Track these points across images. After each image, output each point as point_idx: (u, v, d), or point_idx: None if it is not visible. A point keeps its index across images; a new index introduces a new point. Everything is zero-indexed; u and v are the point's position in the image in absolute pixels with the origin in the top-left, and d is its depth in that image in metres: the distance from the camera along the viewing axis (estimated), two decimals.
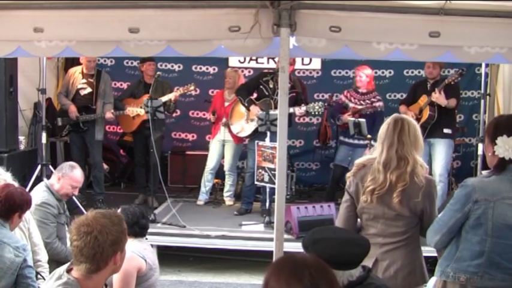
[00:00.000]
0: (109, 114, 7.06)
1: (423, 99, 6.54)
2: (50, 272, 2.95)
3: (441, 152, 6.48)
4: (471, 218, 2.85)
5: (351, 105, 7.03)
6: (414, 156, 3.11)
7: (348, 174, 3.32)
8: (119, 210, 3.91)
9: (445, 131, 6.44)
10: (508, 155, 2.84)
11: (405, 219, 3.13)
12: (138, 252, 3.74)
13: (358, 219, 3.32)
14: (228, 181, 7.55)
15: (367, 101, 7.01)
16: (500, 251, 2.81)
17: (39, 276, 3.77)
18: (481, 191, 2.84)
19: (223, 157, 7.58)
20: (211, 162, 7.48)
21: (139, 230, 3.89)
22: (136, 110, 6.96)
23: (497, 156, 2.88)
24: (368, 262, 2.98)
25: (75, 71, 7.17)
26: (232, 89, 7.39)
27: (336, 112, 7.18)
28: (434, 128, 6.37)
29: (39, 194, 4.54)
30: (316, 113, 6.74)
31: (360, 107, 6.97)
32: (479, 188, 2.85)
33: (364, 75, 7.01)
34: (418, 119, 6.21)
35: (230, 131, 7.29)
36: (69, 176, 4.60)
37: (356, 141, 6.98)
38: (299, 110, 6.65)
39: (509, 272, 2.81)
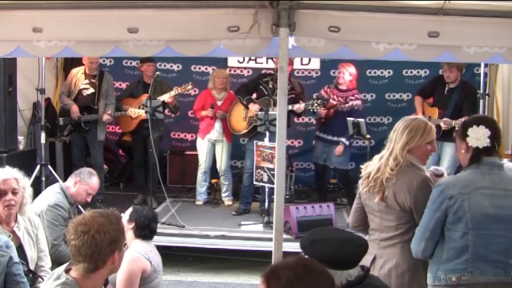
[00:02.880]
0: (106, 117, 7.05)
1: (434, 112, 6.58)
2: None
3: (449, 154, 6.56)
4: (449, 215, 2.89)
5: (330, 101, 7.05)
6: (394, 152, 3.17)
7: (364, 166, 3.37)
8: (130, 209, 3.93)
9: (455, 135, 6.47)
10: (481, 143, 2.95)
11: (396, 212, 3.16)
12: (144, 253, 3.75)
13: None
14: (225, 182, 7.55)
15: (346, 98, 7.03)
16: (485, 242, 2.84)
17: (40, 279, 3.76)
18: (453, 186, 2.92)
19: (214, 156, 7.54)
20: (203, 163, 7.45)
21: (149, 234, 3.91)
22: (137, 111, 6.96)
23: (471, 148, 2.98)
24: (367, 259, 3.01)
25: (78, 71, 7.18)
26: (223, 89, 7.39)
27: None
28: (445, 132, 6.41)
29: (52, 195, 4.54)
30: (315, 110, 6.75)
31: (335, 102, 6.98)
32: (451, 184, 2.94)
33: (347, 73, 7.01)
34: None
35: (226, 129, 7.28)
36: (87, 182, 4.61)
37: (330, 137, 7.04)
38: (298, 105, 6.65)
39: (499, 265, 2.83)
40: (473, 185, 2.89)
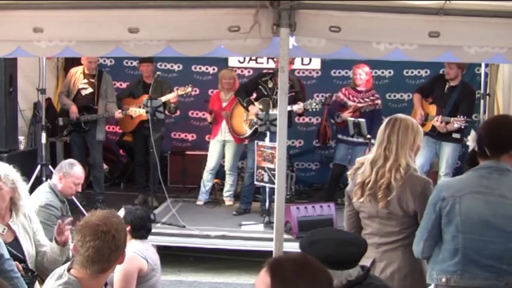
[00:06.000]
0: (118, 114, 7.08)
1: (433, 109, 6.59)
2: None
3: (447, 154, 6.58)
4: (443, 216, 2.88)
5: (350, 103, 7.04)
6: (402, 155, 3.12)
7: (349, 173, 3.36)
8: (122, 210, 3.92)
9: (454, 135, 6.51)
10: (471, 145, 2.99)
11: (399, 218, 3.14)
12: (140, 252, 3.75)
13: None
14: (229, 181, 7.55)
15: (367, 99, 7.03)
16: (476, 247, 2.80)
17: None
18: (448, 188, 2.90)
19: (223, 157, 7.58)
20: (211, 163, 7.48)
21: (145, 234, 3.92)
22: (138, 111, 6.96)
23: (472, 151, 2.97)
24: (365, 262, 3.00)
25: (77, 71, 7.18)
26: (230, 89, 7.40)
27: (335, 110, 7.19)
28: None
29: (42, 195, 4.51)
30: (314, 109, 6.78)
31: (360, 104, 6.98)
32: (446, 186, 2.92)
33: (363, 73, 7.01)
34: (422, 124, 6.26)
35: (230, 131, 7.29)
36: (71, 174, 4.59)
37: (355, 139, 6.98)
38: (297, 107, 6.66)
39: (491, 269, 2.79)
40: (467, 189, 2.85)
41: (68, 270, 2.54)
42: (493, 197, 2.80)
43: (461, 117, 6.25)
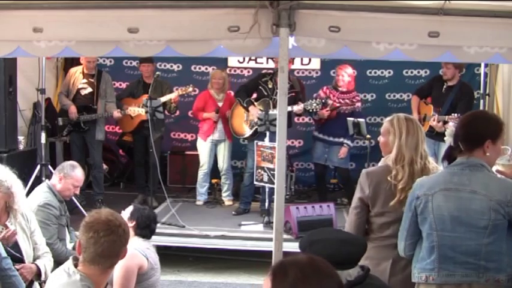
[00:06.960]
0: (117, 114, 7.07)
1: (429, 110, 6.59)
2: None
3: None
4: (418, 215, 2.91)
5: (330, 102, 7.05)
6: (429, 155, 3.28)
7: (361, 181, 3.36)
8: (130, 208, 3.96)
9: None
10: (447, 141, 3.04)
11: None
12: (141, 250, 3.78)
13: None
14: (226, 181, 7.55)
15: (347, 100, 7.04)
16: (451, 244, 2.81)
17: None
18: (421, 186, 2.91)
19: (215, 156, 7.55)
20: (205, 163, 7.45)
21: (149, 234, 3.95)
22: (137, 110, 6.96)
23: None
24: (385, 264, 3.11)
25: (76, 71, 7.18)
26: (220, 89, 7.38)
27: None
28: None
29: (41, 195, 4.52)
30: (314, 110, 6.77)
31: (338, 104, 7.00)
32: (420, 184, 2.93)
33: (346, 75, 7.02)
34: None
35: (227, 128, 7.28)
36: (71, 175, 4.60)
37: (331, 139, 7.08)
38: (297, 107, 6.66)
39: (470, 266, 2.79)
40: (438, 186, 2.86)
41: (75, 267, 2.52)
42: (463, 193, 2.81)
43: (456, 115, 6.25)
